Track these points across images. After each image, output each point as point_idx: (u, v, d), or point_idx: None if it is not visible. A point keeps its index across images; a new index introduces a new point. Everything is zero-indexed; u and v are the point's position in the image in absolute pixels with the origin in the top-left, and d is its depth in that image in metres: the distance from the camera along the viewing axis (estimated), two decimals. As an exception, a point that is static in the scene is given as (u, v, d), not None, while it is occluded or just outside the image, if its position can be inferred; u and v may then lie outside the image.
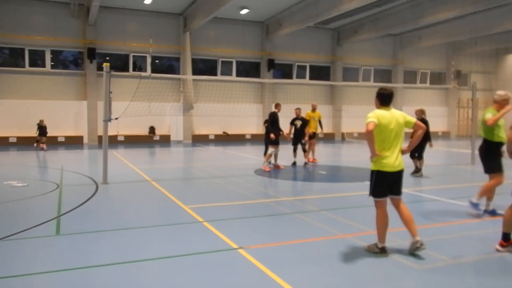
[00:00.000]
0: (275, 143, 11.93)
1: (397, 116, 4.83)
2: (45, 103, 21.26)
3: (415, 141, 5.04)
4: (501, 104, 6.40)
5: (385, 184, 4.84)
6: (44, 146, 18.32)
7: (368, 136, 4.68)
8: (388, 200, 4.95)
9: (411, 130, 5.06)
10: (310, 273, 4.33)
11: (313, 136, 13.74)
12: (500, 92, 6.49)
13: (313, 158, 13.90)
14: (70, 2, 20.55)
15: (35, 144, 18.97)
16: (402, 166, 4.86)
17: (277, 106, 12.36)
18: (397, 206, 4.99)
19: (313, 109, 14.06)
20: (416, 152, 10.82)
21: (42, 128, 18.64)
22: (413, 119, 4.96)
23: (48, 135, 19.16)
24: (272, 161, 12.38)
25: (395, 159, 4.78)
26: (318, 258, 4.79)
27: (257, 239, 5.42)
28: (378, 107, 4.91)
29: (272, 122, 12.03)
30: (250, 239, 5.38)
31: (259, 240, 5.37)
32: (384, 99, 4.88)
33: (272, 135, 11.81)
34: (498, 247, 5.05)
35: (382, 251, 4.87)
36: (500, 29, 22.95)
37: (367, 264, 4.59)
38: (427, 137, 10.43)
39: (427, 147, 10.89)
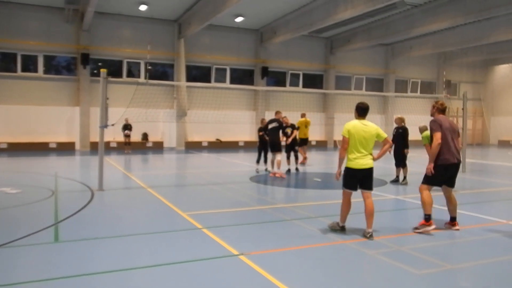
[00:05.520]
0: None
1: (369, 127, 5.86)
2: (37, 109, 21.12)
3: (381, 153, 5.98)
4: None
5: (355, 179, 5.89)
6: (127, 149, 19.38)
7: (340, 150, 5.98)
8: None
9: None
10: (312, 279, 4.37)
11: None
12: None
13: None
14: (64, 7, 20.49)
15: (126, 151, 19.57)
16: (370, 166, 5.86)
17: (277, 113, 12.43)
18: (366, 199, 5.95)
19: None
20: (398, 161, 11.08)
21: (127, 127, 19.29)
22: (384, 134, 5.97)
23: (39, 141, 18.93)
24: (269, 168, 12.43)
25: (363, 160, 5.82)
26: (319, 263, 4.84)
27: (257, 246, 5.45)
28: (356, 117, 6.00)
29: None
30: (251, 246, 5.41)
31: (260, 247, 5.40)
32: (361, 111, 5.97)
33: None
34: (418, 226, 6.19)
35: (342, 229, 6.03)
36: (489, 40, 23.40)
37: (368, 269, 4.65)
38: (405, 144, 10.80)
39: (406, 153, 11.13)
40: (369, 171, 5.88)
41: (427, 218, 6.12)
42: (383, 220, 7.06)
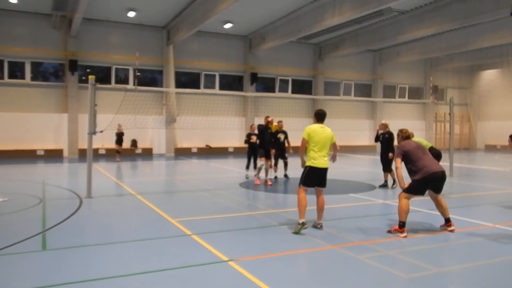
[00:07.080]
0: (264, 156, 11.90)
1: (326, 132, 6.53)
2: (25, 116, 20.89)
3: (335, 154, 6.92)
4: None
5: (315, 177, 6.46)
6: (118, 157, 18.90)
7: (300, 148, 6.59)
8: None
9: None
10: (301, 284, 4.39)
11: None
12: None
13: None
14: (51, 13, 20.37)
15: (117, 158, 19.15)
16: (326, 166, 6.51)
17: (265, 119, 12.33)
18: (318, 195, 6.62)
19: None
20: (384, 166, 11.25)
21: (119, 136, 18.89)
22: (334, 139, 6.64)
23: (27, 148, 18.52)
24: (263, 176, 12.32)
25: (323, 160, 6.46)
26: (308, 269, 4.87)
27: (247, 251, 5.46)
28: (314, 122, 6.66)
29: (261, 136, 12.06)
30: (240, 251, 5.42)
31: (249, 252, 5.41)
32: (319, 117, 6.67)
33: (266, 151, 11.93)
34: (391, 230, 6.39)
35: (303, 225, 6.28)
36: (474, 46, 23.79)
37: (357, 274, 4.68)
38: (390, 149, 10.94)
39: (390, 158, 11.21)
40: (327, 170, 6.55)
41: (401, 225, 6.27)
42: (372, 224, 7.12)
